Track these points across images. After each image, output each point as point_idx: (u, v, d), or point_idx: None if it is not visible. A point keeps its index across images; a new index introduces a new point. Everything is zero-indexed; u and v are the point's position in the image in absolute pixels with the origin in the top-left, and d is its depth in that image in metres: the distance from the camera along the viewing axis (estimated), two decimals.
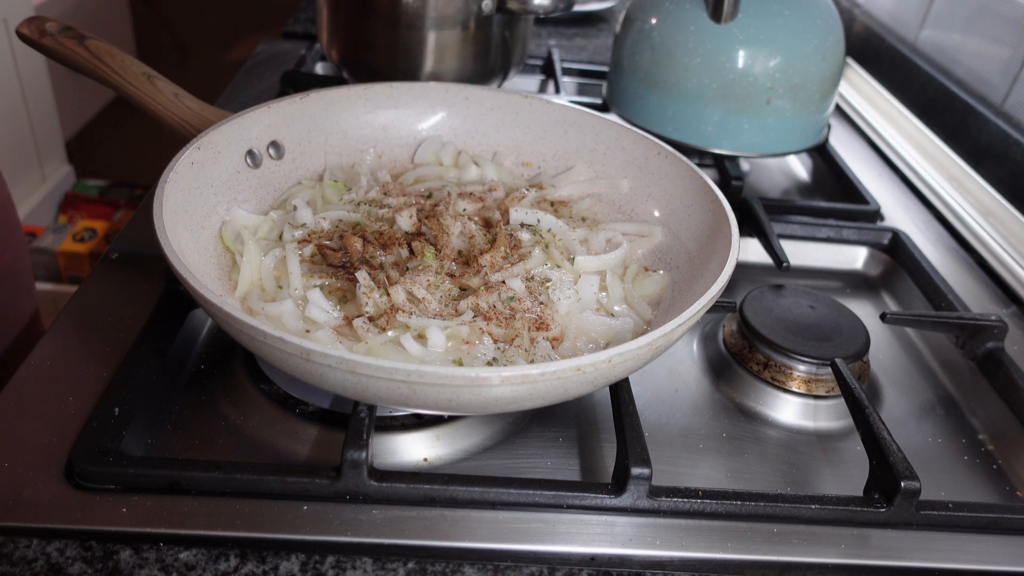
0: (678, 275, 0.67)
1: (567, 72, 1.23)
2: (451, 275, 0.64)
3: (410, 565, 0.50)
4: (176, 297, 0.64)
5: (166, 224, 0.54)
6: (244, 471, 0.51)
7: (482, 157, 0.81)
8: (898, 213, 0.97)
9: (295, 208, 0.70)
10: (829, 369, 0.67)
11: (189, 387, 0.61)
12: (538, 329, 0.60)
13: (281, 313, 0.59)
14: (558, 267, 0.66)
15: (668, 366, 0.69)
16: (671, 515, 0.53)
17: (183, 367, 0.63)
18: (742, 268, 0.85)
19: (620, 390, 0.58)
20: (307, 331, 0.58)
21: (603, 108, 1.01)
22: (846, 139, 1.15)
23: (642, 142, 0.75)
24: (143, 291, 0.67)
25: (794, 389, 0.67)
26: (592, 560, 0.51)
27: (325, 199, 0.73)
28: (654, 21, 0.92)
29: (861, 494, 0.56)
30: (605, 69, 1.14)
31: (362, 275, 0.61)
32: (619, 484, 0.53)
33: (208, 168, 0.65)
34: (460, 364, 0.56)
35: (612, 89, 1.00)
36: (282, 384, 0.61)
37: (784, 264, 0.78)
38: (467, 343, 0.58)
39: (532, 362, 0.57)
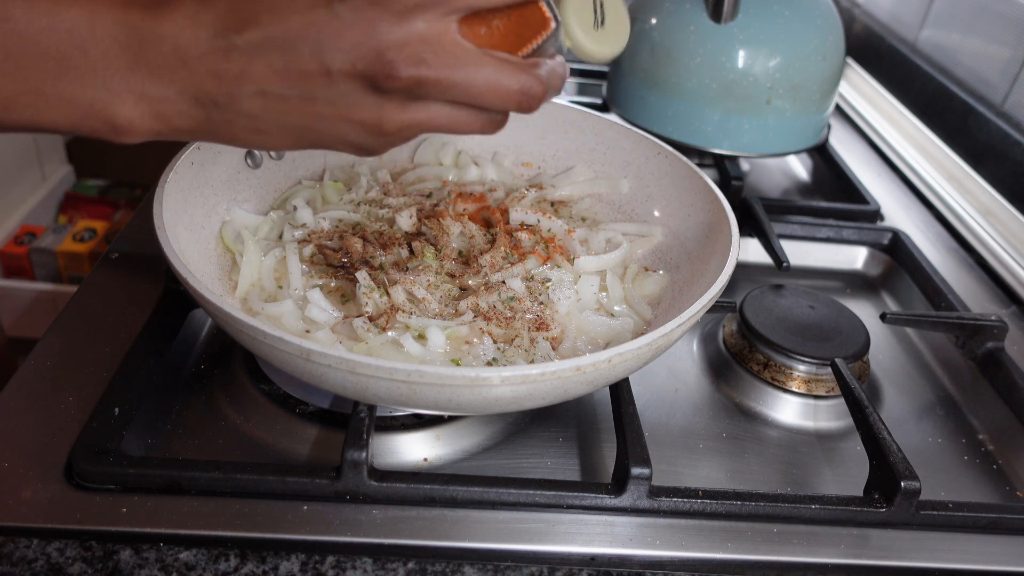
0: (678, 275, 0.67)
1: None
2: (451, 275, 0.64)
3: (410, 565, 0.50)
4: (176, 297, 0.64)
5: (166, 224, 0.54)
6: (244, 471, 0.51)
7: (482, 157, 0.81)
8: (898, 213, 0.97)
9: (295, 208, 0.70)
10: (829, 369, 0.67)
11: (189, 387, 0.61)
12: (538, 329, 0.60)
13: (281, 313, 0.59)
14: (558, 267, 0.66)
15: (668, 366, 0.69)
16: (671, 515, 0.53)
17: (183, 367, 0.63)
18: (742, 268, 0.85)
19: (620, 390, 0.58)
20: (307, 331, 0.58)
21: (603, 108, 1.01)
22: (846, 139, 1.15)
23: (642, 142, 0.75)
24: (143, 291, 0.67)
25: (794, 389, 0.67)
26: (592, 560, 0.51)
27: (325, 199, 0.73)
28: (654, 21, 0.92)
29: (861, 494, 0.56)
30: (605, 69, 1.14)
31: (362, 275, 0.61)
32: (619, 484, 0.53)
33: (208, 168, 0.65)
34: (459, 364, 0.56)
35: (612, 89, 1.00)
36: (282, 384, 0.61)
37: (784, 264, 0.78)
38: (467, 343, 0.58)
39: (532, 362, 0.57)
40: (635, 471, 0.52)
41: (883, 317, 0.71)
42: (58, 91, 0.41)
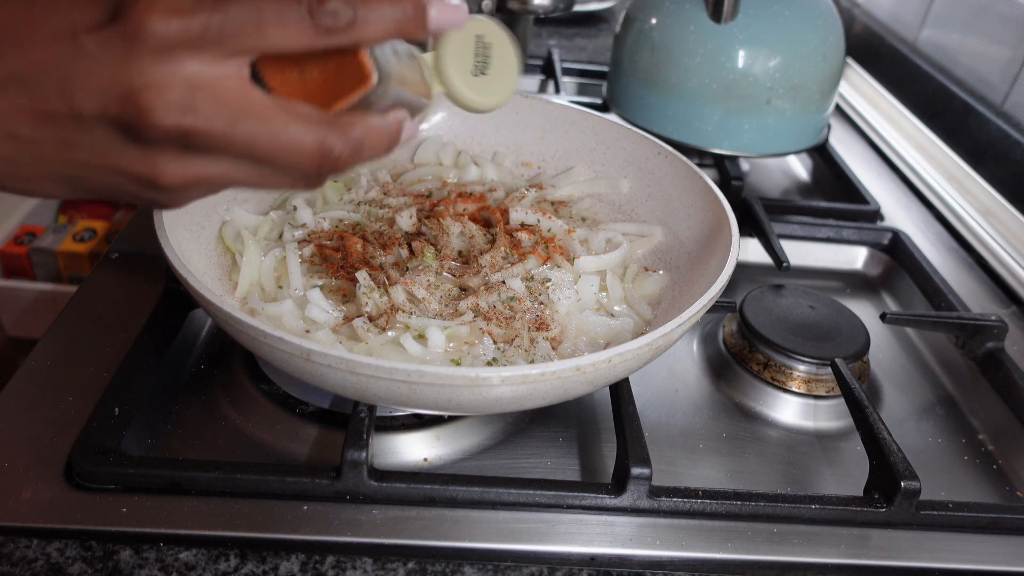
0: (678, 275, 0.67)
1: (567, 72, 1.23)
2: (451, 275, 0.64)
3: (410, 565, 0.50)
4: (176, 297, 0.64)
5: (166, 224, 0.54)
6: (244, 471, 0.51)
7: (482, 157, 0.81)
8: (898, 213, 0.97)
9: (295, 208, 0.70)
10: (829, 369, 0.67)
11: (189, 387, 0.61)
12: (538, 329, 0.60)
13: (281, 313, 0.59)
14: (558, 267, 0.66)
15: (668, 366, 0.69)
16: (671, 515, 0.53)
17: (183, 367, 0.63)
18: (742, 268, 0.85)
19: (620, 390, 0.58)
20: (307, 331, 0.58)
21: (603, 108, 1.01)
22: (846, 139, 1.15)
23: (642, 142, 0.75)
24: (143, 291, 0.67)
25: (794, 389, 0.67)
26: (592, 560, 0.51)
27: (325, 199, 0.73)
28: (654, 21, 0.92)
29: (861, 494, 0.56)
30: (605, 69, 1.14)
31: (362, 275, 0.61)
32: (619, 484, 0.53)
33: None
34: (458, 364, 0.56)
35: (612, 89, 1.00)
36: (282, 384, 0.61)
37: (784, 264, 0.78)
38: (467, 343, 0.58)
39: (532, 362, 0.57)
40: (635, 471, 0.52)
41: (883, 317, 0.71)
42: None
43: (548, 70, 1.24)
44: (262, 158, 0.36)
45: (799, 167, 1.11)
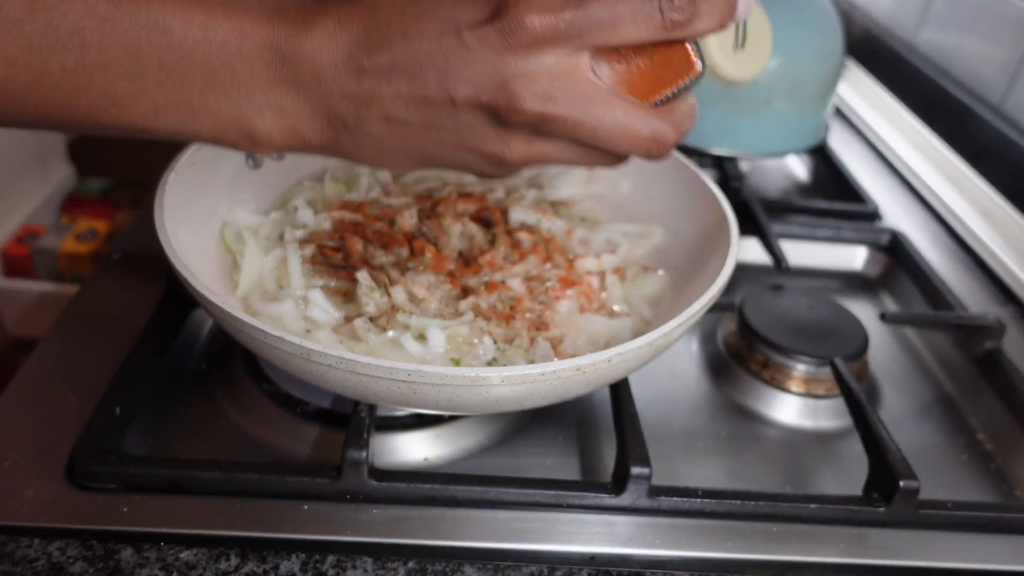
0: (678, 275, 0.67)
1: None
2: (451, 275, 0.64)
3: (410, 564, 0.50)
4: (177, 297, 0.64)
5: (167, 224, 0.54)
6: (245, 471, 0.51)
7: None
8: (897, 213, 0.97)
9: (296, 208, 0.70)
10: (828, 369, 0.67)
11: (190, 387, 0.62)
12: (538, 329, 0.60)
13: (282, 313, 0.59)
14: (558, 267, 0.66)
15: (668, 366, 0.70)
16: (671, 514, 0.53)
17: (184, 367, 0.63)
18: (742, 268, 0.85)
19: (620, 390, 0.58)
20: (308, 331, 0.59)
21: None
22: (845, 139, 1.16)
23: None
24: (144, 291, 0.67)
25: (793, 389, 0.67)
26: (592, 559, 0.51)
27: (326, 199, 0.73)
28: None
29: (860, 493, 0.56)
30: None
31: (362, 275, 0.61)
32: (619, 484, 0.53)
33: (209, 168, 0.65)
34: (458, 364, 0.57)
35: None
36: (283, 384, 0.62)
37: (783, 264, 0.78)
38: (467, 344, 0.58)
39: (532, 362, 0.58)
40: (635, 470, 0.52)
41: (882, 317, 0.71)
42: (205, 103, 0.41)
43: None
44: (601, 142, 0.40)
45: (798, 167, 1.11)
